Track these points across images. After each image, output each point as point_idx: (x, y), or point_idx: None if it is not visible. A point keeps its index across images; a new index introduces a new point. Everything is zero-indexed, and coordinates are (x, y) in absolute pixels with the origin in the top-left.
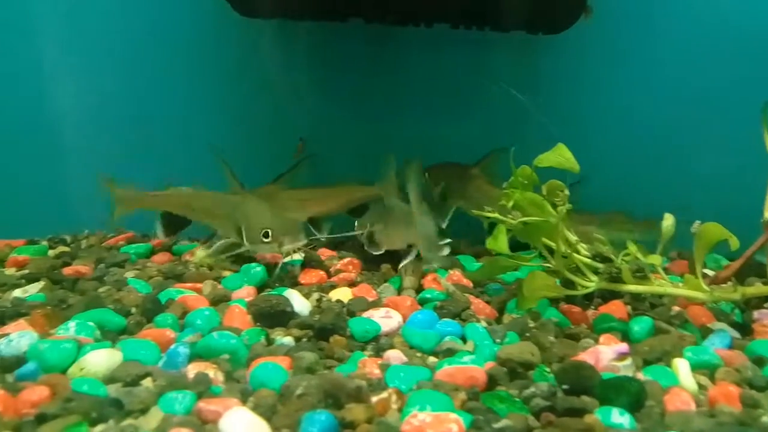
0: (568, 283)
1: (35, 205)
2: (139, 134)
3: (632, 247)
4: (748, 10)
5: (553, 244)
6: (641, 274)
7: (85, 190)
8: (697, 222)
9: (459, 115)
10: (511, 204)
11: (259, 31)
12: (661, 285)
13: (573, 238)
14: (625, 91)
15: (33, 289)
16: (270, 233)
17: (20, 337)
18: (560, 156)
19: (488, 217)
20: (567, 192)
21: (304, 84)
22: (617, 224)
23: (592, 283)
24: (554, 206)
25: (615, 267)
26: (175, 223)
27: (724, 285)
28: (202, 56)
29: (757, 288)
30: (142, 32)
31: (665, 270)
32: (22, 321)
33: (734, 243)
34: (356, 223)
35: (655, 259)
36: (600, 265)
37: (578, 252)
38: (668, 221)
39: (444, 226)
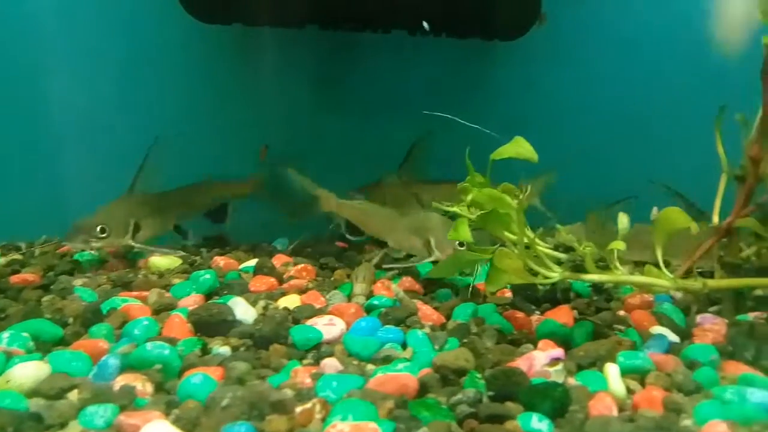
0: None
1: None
2: (107, 140)
3: (589, 248)
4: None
5: (513, 237)
6: (604, 263)
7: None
8: (655, 208)
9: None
10: (469, 199)
11: (220, 36)
12: (623, 273)
13: (531, 234)
14: (574, 95)
15: None
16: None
17: None
18: (518, 147)
19: (447, 212)
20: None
21: (270, 90)
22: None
23: (555, 274)
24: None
25: (578, 256)
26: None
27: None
28: (164, 62)
29: (718, 281)
30: (98, 37)
31: None
32: None
33: (694, 228)
34: None
35: (619, 245)
36: (563, 256)
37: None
38: (623, 220)
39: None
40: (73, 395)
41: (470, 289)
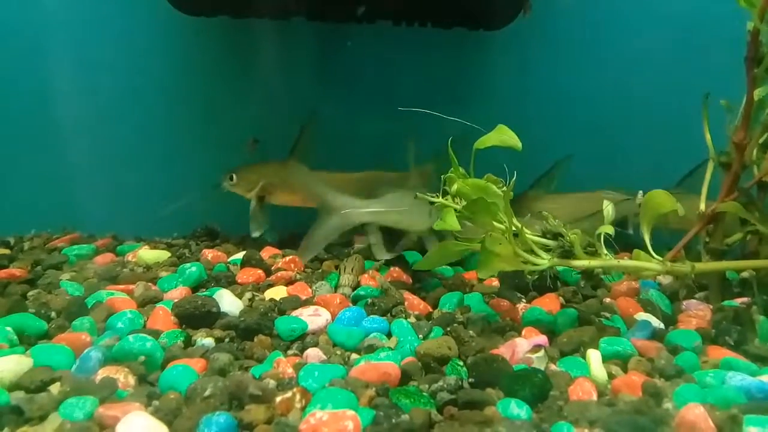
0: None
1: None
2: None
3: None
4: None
5: (501, 225)
6: (592, 249)
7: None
8: (641, 192)
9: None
10: (453, 190)
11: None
12: (612, 258)
13: (518, 222)
14: (563, 85)
15: None
16: None
17: None
18: (502, 135)
19: (432, 202)
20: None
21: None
22: None
23: (544, 261)
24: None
25: (567, 242)
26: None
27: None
28: (157, 55)
29: (707, 264)
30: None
31: None
32: None
33: (681, 210)
34: None
35: (608, 229)
36: (551, 242)
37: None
38: (608, 208)
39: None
40: (55, 388)
41: None
